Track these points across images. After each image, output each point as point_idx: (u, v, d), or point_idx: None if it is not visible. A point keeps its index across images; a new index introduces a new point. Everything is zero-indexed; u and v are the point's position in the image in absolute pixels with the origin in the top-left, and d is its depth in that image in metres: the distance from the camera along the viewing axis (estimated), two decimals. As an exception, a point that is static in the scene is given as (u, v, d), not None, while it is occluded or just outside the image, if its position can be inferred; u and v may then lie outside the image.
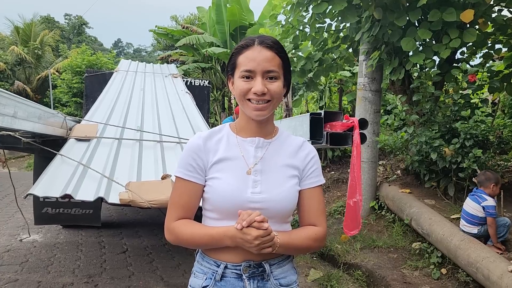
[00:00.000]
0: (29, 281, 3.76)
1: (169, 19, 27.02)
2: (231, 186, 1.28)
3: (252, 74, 1.26)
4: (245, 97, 1.28)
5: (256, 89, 1.24)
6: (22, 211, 6.84)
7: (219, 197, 1.29)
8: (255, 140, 1.34)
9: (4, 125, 2.27)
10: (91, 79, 6.99)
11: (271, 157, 1.35)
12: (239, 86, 1.28)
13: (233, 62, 1.32)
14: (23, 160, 19.07)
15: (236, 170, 1.31)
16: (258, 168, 1.32)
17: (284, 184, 1.33)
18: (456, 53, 5.24)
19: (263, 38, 1.30)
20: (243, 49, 1.29)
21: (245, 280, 1.31)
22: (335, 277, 3.99)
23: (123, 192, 2.72)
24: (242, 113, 1.36)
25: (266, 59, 1.26)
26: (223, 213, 1.30)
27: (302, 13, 5.88)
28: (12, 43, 23.16)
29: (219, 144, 1.35)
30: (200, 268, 1.36)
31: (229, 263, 1.31)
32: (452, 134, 4.82)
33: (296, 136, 1.45)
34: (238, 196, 1.28)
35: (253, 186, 1.29)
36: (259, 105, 1.27)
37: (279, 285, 1.35)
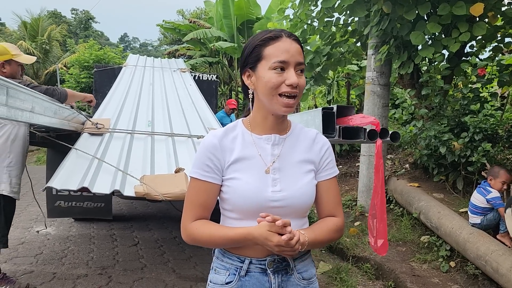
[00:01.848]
0: (44, 272, 3.84)
1: (176, 13, 27.00)
2: (251, 186, 1.27)
3: (285, 65, 1.23)
4: (276, 91, 1.23)
5: (292, 81, 1.21)
6: (35, 204, 6.94)
7: (239, 198, 1.28)
8: (271, 138, 1.33)
9: (24, 119, 2.33)
10: (100, 74, 7.04)
11: (287, 153, 1.34)
12: (271, 78, 1.22)
13: (257, 54, 1.26)
14: (32, 155, 19.26)
15: (255, 169, 1.30)
16: (276, 166, 1.31)
17: (302, 180, 1.33)
18: (466, 47, 5.23)
19: (288, 32, 1.28)
20: (270, 41, 1.25)
21: (270, 275, 1.31)
22: (344, 270, 4.03)
23: (138, 185, 2.77)
24: (259, 108, 1.32)
25: (298, 51, 1.25)
26: (244, 213, 1.29)
27: (310, 7, 5.88)
28: (20, 38, 23.30)
29: (235, 143, 1.32)
30: (221, 264, 1.35)
31: (254, 258, 1.31)
32: (461, 128, 4.83)
33: (309, 128, 1.44)
34: (258, 195, 1.27)
35: (272, 185, 1.28)
36: (290, 101, 1.24)
37: (301, 279, 1.36)
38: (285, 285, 1.34)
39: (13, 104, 2.14)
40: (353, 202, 6.14)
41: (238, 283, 1.31)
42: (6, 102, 2.05)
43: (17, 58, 3.35)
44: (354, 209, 5.88)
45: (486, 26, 4.34)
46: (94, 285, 3.58)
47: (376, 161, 1.77)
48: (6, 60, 3.29)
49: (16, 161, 3.32)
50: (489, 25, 4.65)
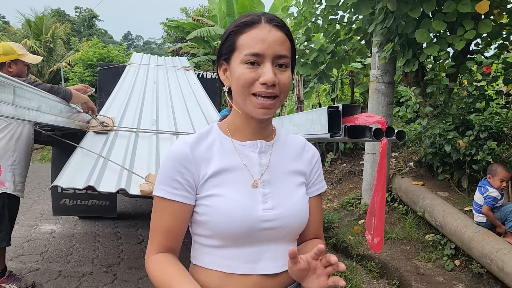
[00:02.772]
0: (50, 270, 3.86)
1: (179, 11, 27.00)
2: (238, 204, 1.01)
3: (259, 59, 0.98)
4: (248, 90, 1.00)
5: (266, 78, 0.96)
6: (40, 202, 6.99)
7: (222, 219, 1.00)
8: (256, 144, 1.09)
9: (30, 118, 2.34)
10: (104, 72, 7.06)
11: (277, 163, 1.10)
12: (242, 74, 0.99)
13: (230, 43, 1.03)
14: (36, 153, 19.34)
15: (240, 183, 1.04)
16: (266, 178, 1.07)
17: (296, 194, 1.10)
18: (471, 45, 5.21)
19: (271, 15, 1.03)
20: (246, 27, 1.00)
21: None
22: (349, 268, 4.04)
23: (144, 184, 2.78)
24: (237, 110, 1.07)
25: (278, 41, 0.99)
26: (228, 238, 1.02)
27: (314, 5, 5.87)
28: (24, 36, 23.38)
29: (211, 151, 1.06)
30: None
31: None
32: (466, 126, 4.82)
33: (294, 135, 1.22)
34: (247, 215, 1.01)
35: (263, 202, 1.04)
36: (266, 102, 0.99)
37: None
38: None
39: (19, 103, 2.15)
40: (357, 201, 6.14)
41: None
42: (13, 101, 2.06)
43: (24, 58, 3.37)
44: (358, 207, 5.88)
45: (491, 23, 4.31)
46: (100, 283, 3.60)
47: (380, 160, 1.76)
48: (13, 59, 3.31)
49: (20, 160, 3.34)
50: (495, 23, 4.62)
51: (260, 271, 1.04)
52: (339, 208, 6.21)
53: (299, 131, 2.61)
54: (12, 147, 3.27)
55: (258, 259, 1.04)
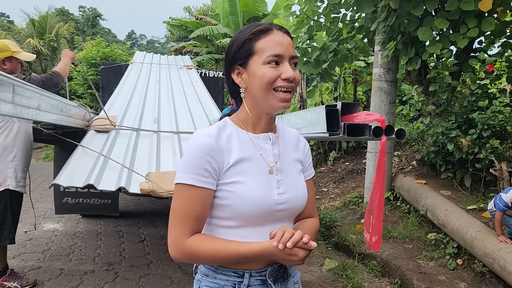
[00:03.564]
0: (52, 268, 3.87)
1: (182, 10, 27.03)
2: (257, 190, 1.15)
3: (280, 59, 1.13)
4: (271, 86, 1.13)
5: (289, 75, 1.12)
6: (43, 201, 7.02)
7: (245, 203, 1.13)
8: (269, 136, 1.23)
9: (30, 117, 2.34)
10: (107, 71, 7.07)
11: (283, 153, 1.26)
12: (266, 73, 1.12)
13: (247, 49, 1.16)
14: (40, 151, 19.42)
15: (258, 171, 1.18)
16: (279, 166, 1.22)
17: (299, 180, 1.27)
18: (474, 43, 5.18)
19: (278, 25, 1.20)
20: (261, 34, 1.15)
21: (271, 285, 1.22)
22: (350, 267, 4.03)
23: (144, 182, 2.78)
24: (252, 106, 1.21)
25: (290, 44, 1.16)
26: (246, 220, 1.16)
27: (317, 3, 5.85)
28: (28, 35, 23.46)
29: (231, 143, 1.18)
30: (214, 282, 1.20)
31: (254, 270, 1.20)
32: (469, 125, 4.79)
33: (289, 128, 1.38)
34: (266, 200, 1.15)
35: (277, 187, 1.19)
36: (287, 96, 1.15)
37: (294, 283, 1.31)
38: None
39: (19, 102, 2.15)
40: (360, 199, 6.12)
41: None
42: (12, 100, 2.07)
43: (18, 55, 3.39)
44: (361, 206, 5.87)
45: (494, 21, 4.29)
46: (101, 281, 3.61)
47: (379, 158, 1.76)
48: (7, 56, 3.32)
49: (20, 156, 3.35)
50: (498, 21, 4.60)
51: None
52: (342, 207, 6.19)
53: (299, 130, 2.60)
54: (11, 143, 3.27)
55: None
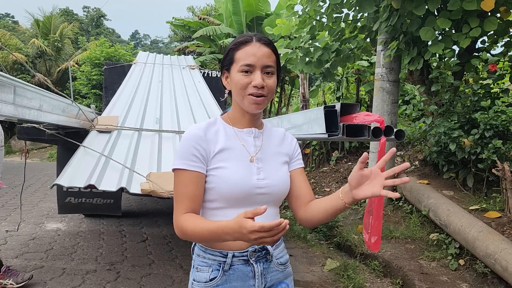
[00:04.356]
0: (54, 268, 3.90)
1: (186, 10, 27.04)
2: (238, 174, 1.32)
3: (251, 68, 1.31)
4: (244, 91, 1.32)
5: (256, 82, 1.30)
6: (47, 200, 7.06)
7: (227, 186, 1.31)
8: (252, 131, 1.42)
9: (31, 118, 2.36)
10: (110, 71, 7.10)
11: (266, 145, 1.44)
12: (239, 80, 1.32)
13: (230, 57, 1.37)
14: (44, 151, 19.52)
15: (240, 158, 1.36)
16: (259, 156, 1.40)
17: (281, 169, 1.44)
18: (477, 42, 5.15)
19: (260, 35, 1.38)
20: (241, 45, 1.34)
21: (253, 265, 1.37)
22: (352, 267, 4.02)
23: (144, 183, 2.79)
24: (236, 106, 1.41)
25: (265, 55, 1.33)
26: (230, 201, 1.33)
27: (319, 3, 5.85)
28: (32, 36, 23.56)
29: (218, 135, 1.38)
30: (204, 261, 1.37)
31: (236, 251, 1.35)
32: (471, 125, 4.77)
33: (276, 128, 1.56)
34: (245, 183, 1.32)
35: (257, 173, 1.36)
36: (257, 99, 1.32)
37: (279, 264, 1.44)
38: (266, 272, 1.40)
39: (20, 103, 2.17)
40: (362, 200, 6.11)
41: (223, 278, 1.35)
42: (13, 101, 2.08)
43: None
44: (363, 206, 5.86)
45: (497, 21, 4.27)
46: (103, 280, 3.63)
47: (378, 159, 1.75)
48: None
49: None
50: (501, 20, 4.57)
51: None
52: (344, 207, 6.18)
53: (298, 131, 2.60)
54: None
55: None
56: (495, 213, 4.09)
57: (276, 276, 1.43)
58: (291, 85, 14.51)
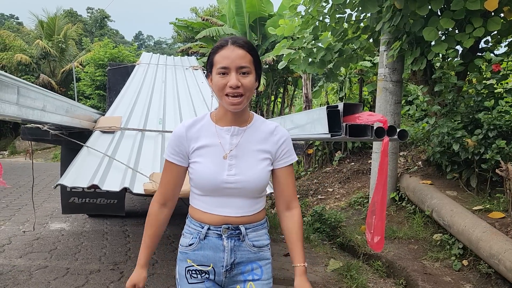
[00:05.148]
0: (58, 267, 3.91)
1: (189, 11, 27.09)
2: (210, 170, 1.49)
3: (227, 70, 1.42)
4: (222, 92, 1.43)
5: (231, 83, 1.40)
6: (51, 200, 7.09)
7: (200, 179, 1.50)
8: (230, 129, 1.53)
9: (35, 118, 2.37)
10: (114, 72, 7.11)
11: (245, 143, 1.54)
12: (217, 81, 1.43)
13: (210, 61, 1.49)
14: (49, 152, 19.61)
15: (214, 155, 1.51)
16: (233, 154, 1.52)
17: (256, 166, 1.53)
18: (480, 42, 5.14)
19: (236, 38, 1.49)
20: (218, 49, 1.45)
21: (224, 240, 1.53)
22: (355, 267, 4.02)
23: (147, 183, 2.80)
24: (220, 104, 1.53)
25: (239, 57, 1.42)
26: (204, 190, 1.53)
27: (322, 4, 5.84)
28: (36, 37, 23.68)
29: (200, 132, 1.54)
30: (188, 229, 1.60)
31: (212, 225, 1.54)
32: (475, 125, 4.76)
33: (270, 122, 1.64)
34: (215, 178, 1.49)
35: (228, 169, 1.50)
36: (234, 100, 1.43)
37: (252, 246, 1.57)
38: (237, 249, 1.55)
39: (24, 103, 2.18)
40: (365, 200, 6.10)
41: (199, 245, 1.55)
42: (17, 101, 2.10)
43: None
44: (366, 207, 5.85)
45: (501, 21, 4.26)
46: (106, 280, 3.64)
47: (381, 159, 1.76)
48: None
49: None
50: (504, 20, 4.56)
51: (225, 214, 1.53)
52: (347, 207, 6.18)
53: (301, 131, 2.60)
54: None
55: (224, 206, 1.53)
56: (499, 213, 4.08)
57: (247, 255, 1.57)
58: (294, 86, 14.50)
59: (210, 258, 1.54)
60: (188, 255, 1.57)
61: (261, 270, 1.60)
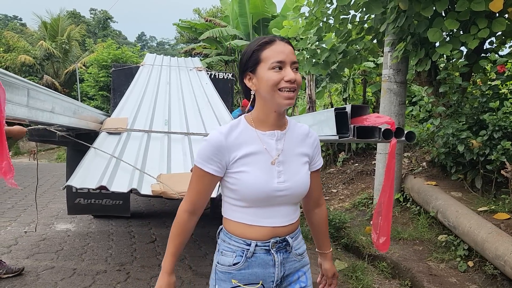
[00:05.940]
0: (65, 268, 3.93)
1: (192, 12, 27.13)
2: (259, 179, 1.39)
3: (282, 64, 1.36)
4: (276, 87, 1.36)
5: (290, 77, 1.35)
6: (56, 201, 7.12)
7: (248, 189, 1.39)
8: (274, 133, 1.45)
9: (44, 119, 2.40)
10: (118, 73, 7.15)
11: (288, 147, 1.48)
12: (271, 77, 1.36)
13: (255, 57, 1.40)
14: (53, 152, 19.68)
15: (261, 163, 1.42)
16: (281, 159, 1.44)
17: (301, 171, 1.49)
18: (485, 43, 5.13)
19: (281, 36, 1.44)
20: (266, 45, 1.39)
21: (274, 254, 1.46)
22: (360, 268, 4.02)
23: (155, 184, 2.82)
24: (262, 106, 1.44)
25: (291, 52, 1.39)
26: (251, 202, 1.42)
27: (326, 5, 5.85)
28: (40, 38, 23.78)
29: (240, 139, 1.42)
30: (228, 247, 1.48)
31: (259, 241, 1.45)
32: (479, 126, 4.75)
33: (301, 124, 1.59)
34: (266, 186, 1.40)
35: (278, 176, 1.42)
36: (290, 94, 1.37)
37: (297, 255, 1.54)
38: (285, 262, 1.50)
39: (33, 105, 2.20)
40: (369, 200, 6.11)
41: (245, 264, 1.45)
42: (27, 103, 2.12)
43: None
44: (370, 207, 5.85)
45: (506, 22, 4.25)
46: (113, 281, 3.66)
47: (388, 160, 1.77)
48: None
49: None
50: (509, 21, 4.55)
51: (273, 224, 1.45)
52: (351, 208, 6.18)
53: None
54: None
55: (271, 216, 1.45)
56: (504, 214, 4.08)
57: (294, 265, 1.53)
58: (298, 86, 14.48)
59: (259, 275, 1.46)
60: (233, 275, 1.46)
61: (305, 277, 1.58)
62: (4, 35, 22.87)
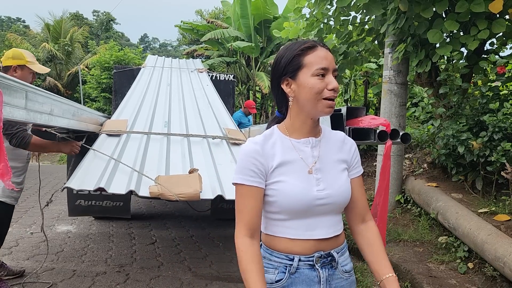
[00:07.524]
0: (65, 269, 3.95)
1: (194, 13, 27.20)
2: (298, 188, 1.33)
3: (325, 71, 1.30)
4: (320, 95, 1.30)
5: (334, 86, 1.29)
6: (57, 203, 7.14)
7: (287, 199, 1.32)
8: (309, 141, 1.39)
9: (42, 122, 2.41)
10: (120, 75, 7.17)
11: (325, 154, 1.41)
12: (315, 84, 1.29)
13: (297, 62, 1.33)
14: (55, 154, 19.72)
15: (299, 171, 1.35)
16: (318, 167, 1.38)
17: (341, 178, 1.41)
18: (485, 44, 5.12)
19: (321, 42, 1.38)
20: (308, 50, 1.32)
21: (318, 270, 1.37)
22: (360, 270, 4.02)
23: (153, 186, 2.83)
24: (298, 113, 1.38)
25: (333, 59, 1.34)
26: (292, 213, 1.34)
27: (326, 6, 5.86)
28: (43, 40, 23.88)
29: (275, 148, 1.37)
30: (269, 263, 1.39)
31: (302, 256, 1.36)
32: (480, 127, 4.74)
33: (336, 131, 1.53)
34: (306, 195, 1.32)
35: (317, 184, 1.35)
36: (332, 102, 1.32)
37: (344, 272, 1.43)
38: (331, 279, 1.40)
39: (32, 107, 2.21)
40: (370, 202, 6.10)
41: (289, 280, 1.36)
42: (25, 106, 2.13)
43: (31, 66, 3.37)
44: (371, 209, 5.84)
45: (506, 23, 4.24)
46: (112, 282, 3.67)
47: (383, 162, 1.78)
48: (20, 65, 3.33)
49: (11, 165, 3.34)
50: (509, 22, 4.55)
51: (316, 237, 1.36)
52: (352, 210, 6.17)
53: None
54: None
55: (315, 228, 1.36)
56: (504, 216, 4.06)
57: (341, 283, 1.42)
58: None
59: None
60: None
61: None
62: (7, 37, 22.99)
